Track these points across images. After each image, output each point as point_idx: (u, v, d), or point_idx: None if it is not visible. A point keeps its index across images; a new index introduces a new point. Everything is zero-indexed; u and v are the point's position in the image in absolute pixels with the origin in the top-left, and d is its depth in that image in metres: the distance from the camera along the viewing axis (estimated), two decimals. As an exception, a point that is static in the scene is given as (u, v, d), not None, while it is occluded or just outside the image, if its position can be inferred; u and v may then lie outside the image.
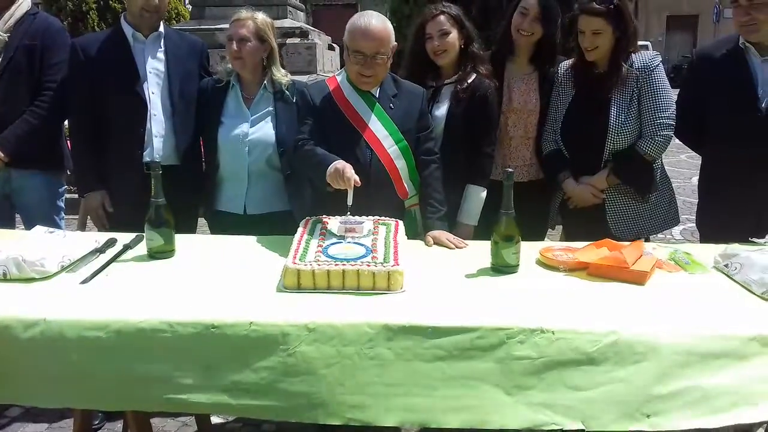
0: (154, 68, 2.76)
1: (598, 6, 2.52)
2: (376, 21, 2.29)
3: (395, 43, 2.37)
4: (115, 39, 2.77)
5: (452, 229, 2.46)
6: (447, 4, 2.74)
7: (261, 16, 2.73)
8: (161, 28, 2.81)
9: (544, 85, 2.83)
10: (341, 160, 2.18)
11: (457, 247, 2.25)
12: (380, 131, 2.37)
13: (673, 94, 2.66)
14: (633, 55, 2.62)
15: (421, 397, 1.60)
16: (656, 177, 2.71)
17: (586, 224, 2.65)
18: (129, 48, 2.75)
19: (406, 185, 2.42)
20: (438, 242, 2.29)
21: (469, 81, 2.64)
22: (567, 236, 2.86)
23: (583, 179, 2.70)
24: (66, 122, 2.96)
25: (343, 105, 2.39)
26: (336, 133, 2.36)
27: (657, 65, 2.62)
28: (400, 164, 2.39)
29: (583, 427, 1.55)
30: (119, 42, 2.75)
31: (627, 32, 2.57)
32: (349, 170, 2.14)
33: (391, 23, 2.39)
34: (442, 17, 2.66)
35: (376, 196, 2.28)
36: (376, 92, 2.41)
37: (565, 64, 2.79)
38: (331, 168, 2.16)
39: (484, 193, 2.64)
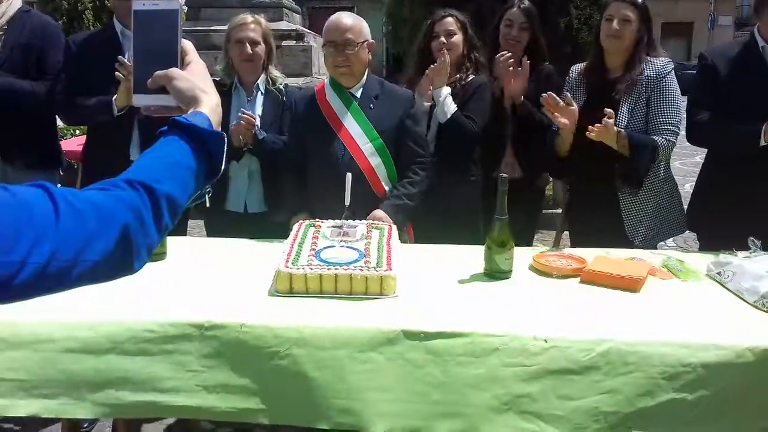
0: None
1: None
2: (346, 16, 2.44)
3: (371, 40, 2.46)
4: (107, 36, 2.83)
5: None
6: (454, 11, 2.91)
7: (263, 19, 2.84)
8: None
9: (530, 84, 2.89)
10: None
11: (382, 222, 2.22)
12: (354, 129, 2.42)
13: (683, 101, 2.61)
14: (646, 61, 2.60)
15: (411, 403, 1.59)
16: (663, 179, 2.67)
17: (597, 230, 2.59)
18: (120, 45, 2.78)
19: (383, 183, 2.44)
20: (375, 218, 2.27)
21: (468, 80, 2.80)
22: (574, 242, 2.83)
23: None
24: (59, 122, 2.95)
25: (322, 105, 2.48)
26: (312, 132, 2.46)
27: (669, 72, 2.59)
28: (375, 162, 2.42)
29: None
30: (111, 39, 2.80)
31: (648, 34, 2.60)
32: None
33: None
34: (450, 19, 2.87)
35: (352, 192, 2.29)
36: (358, 92, 2.47)
37: (577, 68, 2.80)
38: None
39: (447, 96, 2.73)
